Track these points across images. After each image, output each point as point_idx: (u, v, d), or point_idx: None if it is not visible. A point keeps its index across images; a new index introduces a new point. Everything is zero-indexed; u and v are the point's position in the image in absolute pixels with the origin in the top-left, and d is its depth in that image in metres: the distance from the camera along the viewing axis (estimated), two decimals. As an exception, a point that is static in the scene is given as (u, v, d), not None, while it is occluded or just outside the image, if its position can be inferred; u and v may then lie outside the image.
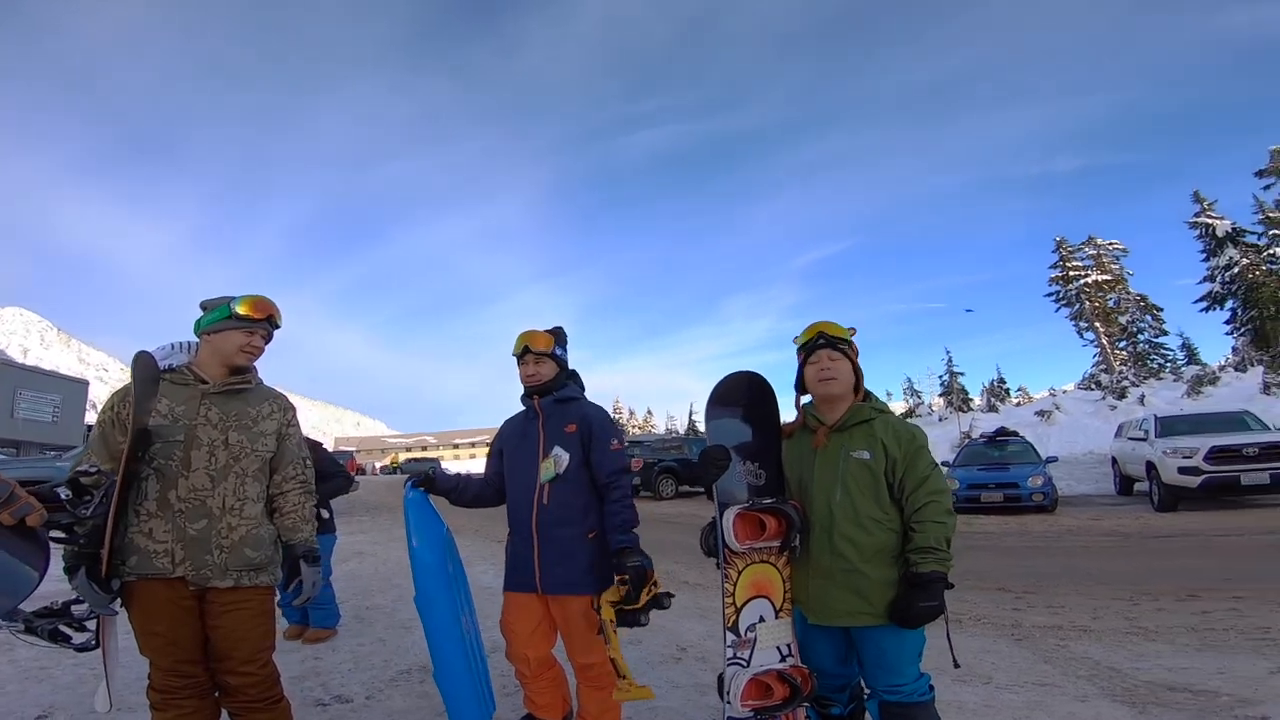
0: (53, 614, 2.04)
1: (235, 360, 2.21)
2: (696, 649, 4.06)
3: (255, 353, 2.24)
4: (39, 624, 2.01)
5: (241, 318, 2.19)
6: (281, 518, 2.27)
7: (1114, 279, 35.00)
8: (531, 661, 2.59)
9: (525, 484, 2.60)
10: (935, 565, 1.99)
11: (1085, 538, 8.51)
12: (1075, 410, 24.20)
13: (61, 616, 2.05)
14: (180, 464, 2.06)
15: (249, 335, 2.21)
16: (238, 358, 2.20)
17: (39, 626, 2.00)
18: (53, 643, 2.04)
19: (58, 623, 2.04)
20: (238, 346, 2.20)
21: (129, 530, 2.02)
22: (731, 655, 2.18)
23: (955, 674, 3.46)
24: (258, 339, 2.24)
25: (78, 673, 3.48)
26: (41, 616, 2.02)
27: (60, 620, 2.05)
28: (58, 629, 2.04)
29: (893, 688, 2.08)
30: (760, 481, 2.33)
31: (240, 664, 2.09)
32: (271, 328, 2.28)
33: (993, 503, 11.04)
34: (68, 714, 3.03)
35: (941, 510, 2.04)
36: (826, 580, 2.13)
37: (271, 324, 2.27)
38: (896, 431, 2.14)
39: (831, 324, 2.26)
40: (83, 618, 2.08)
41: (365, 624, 4.83)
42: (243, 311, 2.20)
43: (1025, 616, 4.73)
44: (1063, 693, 3.24)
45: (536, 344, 2.64)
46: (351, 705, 3.23)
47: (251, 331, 2.22)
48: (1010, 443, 13.46)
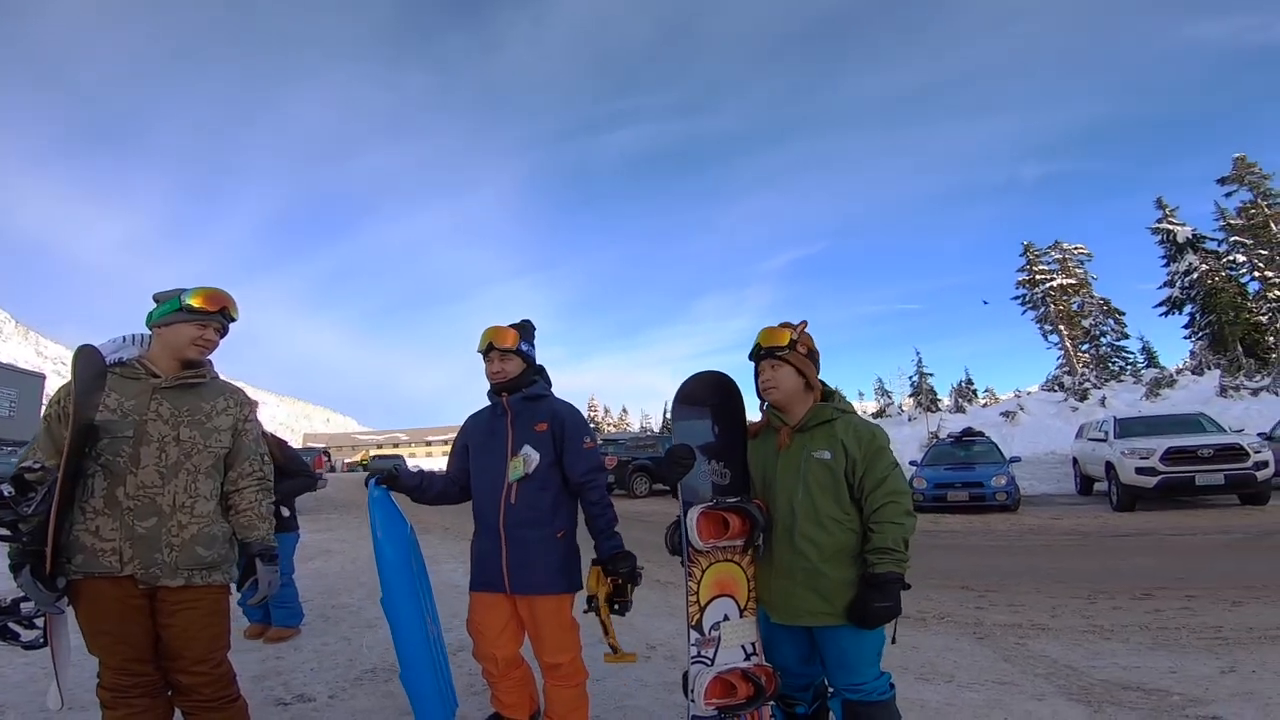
0: (2, 611, 2.01)
1: (186, 354, 2.14)
2: (665, 647, 4.06)
3: (207, 346, 2.18)
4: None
5: (193, 310, 2.12)
6: (236, 515, 2.22)
7: (1078, 283, 35.80)
8: (499, 661, 2.56)
9: (492, 483, 2.56)
10: (892, 566, 2.01)
11: (1046, 536, 8.70)
12: (1039, 411, 24.73)
13: (10, 614, 2.03)
14: (129, 460, 2.00)
15: (201, 328, 2.14)
16: (188, 351, 2.13)
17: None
18: (2, 640, 2.02)
19: (6, 620, 2.02)
20: (189, 340, 2.13)
21: (74, 528, 1.96)
22: (696, 653, 2.18)
23: (919, 672, 3.52)
24: (210, 332, 2.16)
25: (29, 671, 3.38)
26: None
27: (9, 618, 2.02)
28: (6, 626, 2.02)
29: (853, 686, 2.10)
30: (725, 480, 2.34)
31: (192, 663, 2.05)
32: (225, 321, 2.21)
33: (958, 502, 11.25)
34: (19, 712, 2.94)
35: (900, 511, 2.06)
36: (788, 580, 2.14)
37: (225, 316, 2.20)
38: (858, 432, 2.16)
39: (769, 331, 2.28)
40: (31, 615, 2.04)
41: (330, 623, 4.76)
42: (194, 304, 2.13)
43: (987, 615, 4.82)
44: (1021, 691, 3.30)
45: (501, 340, 2.60)
46: (314, 705, 3.17)
47: (204, 325, 2.14)
48: (976, 443, 13.74)
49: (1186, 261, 31.20)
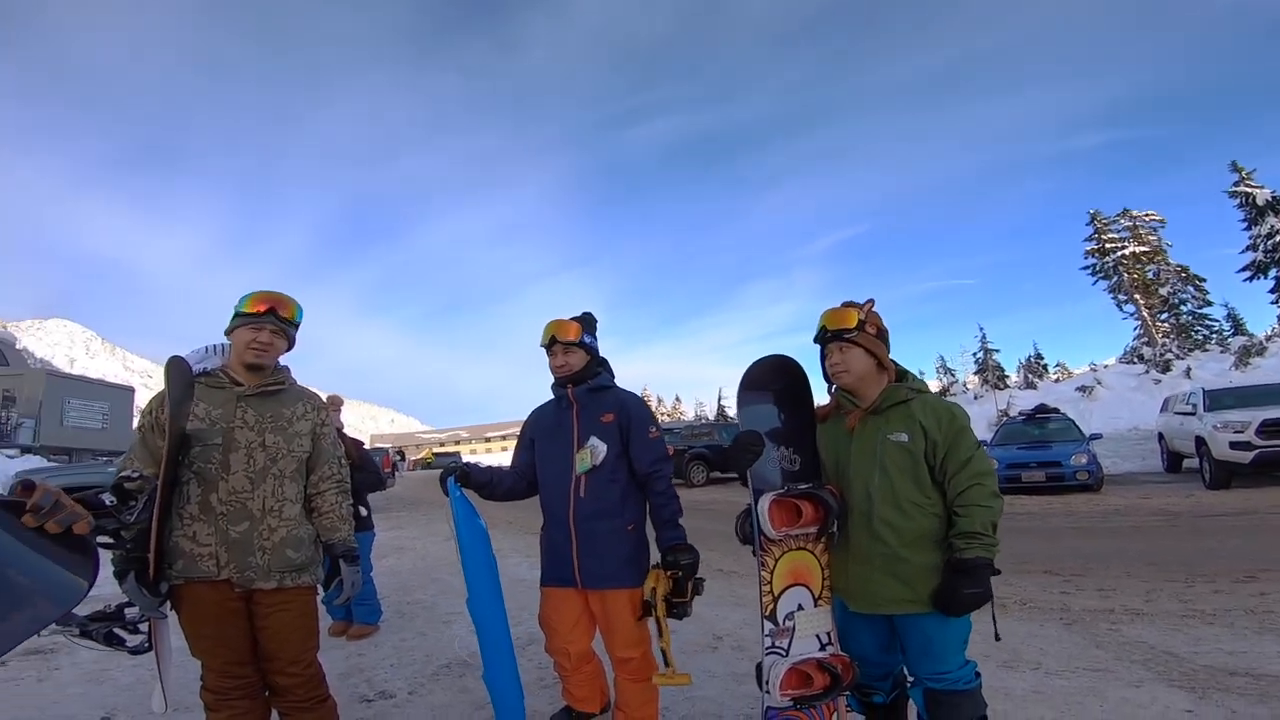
0: (107, 618, 2.07)
1: (245, 358, 2.17)
2: (732, 637, 4.02)
3: (263, 349, 2.17)
4: (94, 628, 2.04)
5: (245, 315, 2.17)
6: (320, 518, 2.27)
7: (1152, 250, 33.82)
8: (572, 656, 2.57)
9: (560, 476, 2.56)
10: (981, 551, 1.92)
11: (1134, 517, 8.24)
12: (1118, 385, 23.53)
13: (115, 620, 2.08)
14: (219, 467, 2.07)
15: (255, 331, 2.16)
16: (246, 355, 2.17)
17: (94, 630, 2.04)
18: (108, 646, 2.08)
19: (112, 626, 2.07)
20: (245, 344, 2.16)
21: (174, 534, 2.03)
22: (770, 644, 2.14)
23: (1002, 660, 3.37)
24: (264, 334, 2.17)
25: (136, 674, 3.57)
26: (96, 620, 2.06)
27: (114, 624, 2.08)
28: (112, 632, 2.07)
29: (937, 675, 2.02)
30: (795, 467, 2.28)
31: (287, 664, 2.12)
32: (278, 321, 2.19)
33: (1034, 482, 10.72)
34: (128, 715, 3.11)
35: (986, 493, 1.97)
36: (867, 567, 2.08)
37: (275, 317, 2.18)
38: (936, 412, 2.07)
39: (834, 312, 2.19)
40: (135, 620, 2.11)
41: (406, 619, 4.89)
42: (245, 309, 2.17)
43: (1074, 600, 4.59)
44: (1116, 678, 3.14)
45: (564, 334, 2.60)
46: (394, 701, 3.26)
47: (258, 327, 2.16)
48: (1051, 420, 13.07)
49: (1268, 224, 29.02)
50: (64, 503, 1.50)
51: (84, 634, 2.04)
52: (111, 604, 2.10)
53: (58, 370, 39.79)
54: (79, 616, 2.05)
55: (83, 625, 2.04)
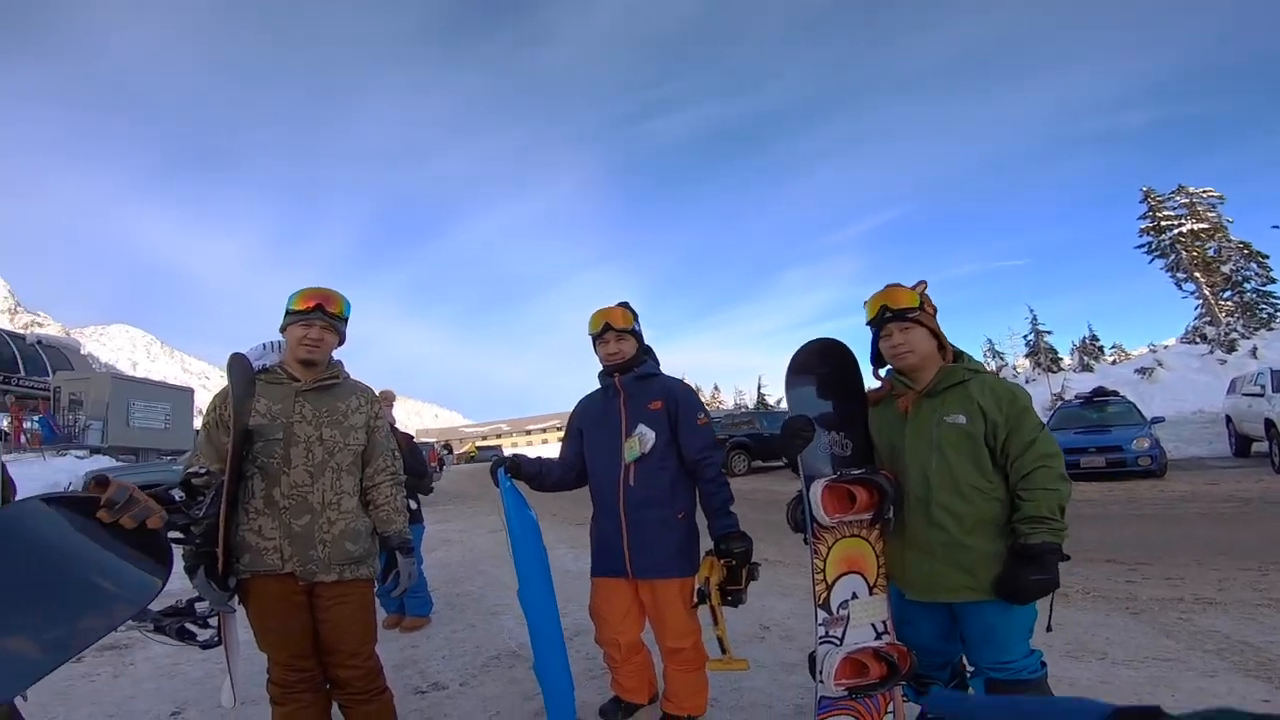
0: (179, 613, 2.14)
1: (297, 354, 2.21)
2: (780, 627, 3.97)
3: (314, 345, 2.20)
4: (167, 623, 2.11)
5: (295, 312, 2.21)
6: (376, 510, 2.30)
7: (1211, 227, 32.19)
8: (622, 646, 2.57)
9: (609, 465, 2.55)
10: (1048, 536, 1.84)
11: (1201, 504, 7.86)
12: (1180, 366, 22.51)
13: (187, 615, 2.14)
14: (281, 461, 2.12)
15: (305, 328, 2.20)
16: (298, 351, 2.21)
17: (167, 625, 2.10)
18: (180, 640, 2.13)
19: (184, 621, 2.13)
20: (297, 340, 2.20)
21: (240, 528, 2.09)
22: (824, 634, 2.10)
23: (1066, 649, 3.26)
24: (315, 330, 2.20)
25: (205, 668, 3.69)
26: (168, 615, 2.12)
27: (186, 619, 2.14)
28: (184, 627, 2.13)
29: (1000, 665, 1.96)
30: (847, 452, 2.22)
31: (348, 657, 2.15)
32: (329, 317, 2.22)
33: (1094, 468, 10.31)
34: (199, 709, 3.22)
35: (1053, 476, 1.89)
36: (925, 554, 2.01)
37: (324, 313, 2.21)
38: (996, 392, 1.99)
39: (894, 291, 2.11)
40: (205, 615, 2.17)
41: (456, 610, 4.97)
42: (294, 306, 2.21)
43: (1140, 589, 4.41)
44: (1188, 668, 3.01)
45: (617, 321, 2.58)
46: (447, 692, 3.31)
47: (308, 324, 2.19)
48: (1110, 403, 12.50)
49: (1331, 198, 27.28)
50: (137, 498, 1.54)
51: (158, 629, 2.10)
52: (183, 599, 2.16)
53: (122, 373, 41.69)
54: (153, 612, 2.11)
55: (156, 620, 2.10)
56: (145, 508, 1.52)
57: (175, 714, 3.17)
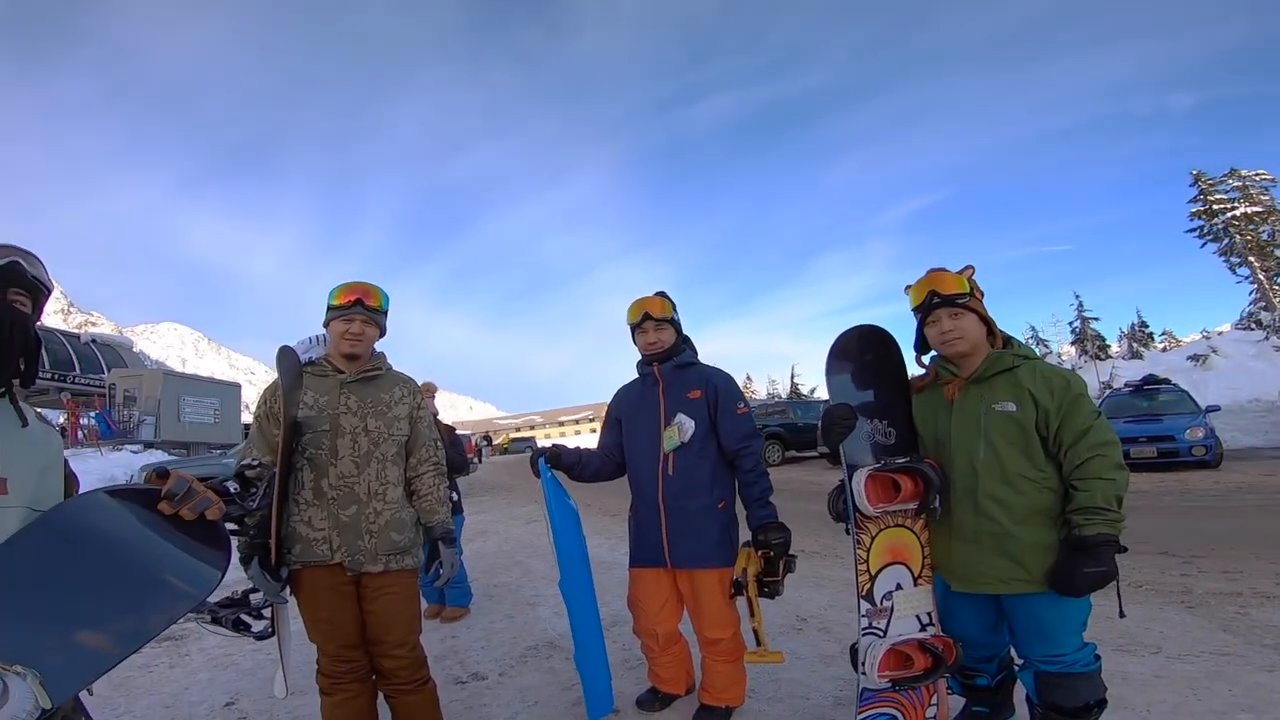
0: (234, 604, 2.18)
1: (341, 348, 2.25)
2: (818, 619, 3.93)
3: (356, 339, 2.24)
4: (223, 614, 2.16)
5: (336, 307, 2.25)
6: (419, 500, 2.33)
7: (1266, 210, 30.77)
8: (660, 637, 2.57)
9: (648, 454, 2.55)
10: (1104, 527, 1.78)
11: (1259, 495, 7.53)
12: (1235, 353, 21.59)
13: (243, 606, 2.19)
14: (329, 453, 2.15)
15: (347, 322, 2.23)
16: (341, 345, 2.25)
17: (224, 617, 2.16)
18: (236, 631, 2.18)
19: (239, 612, 2.18)
20: (339, 335, 2.24)
21: (291, 519, 2.13)
22: (867, 624, 2.07)
23: (1118, 643, 3.17)
24: (356, 324, 2.24)
25: (256, 659, 3.79)
26: (225, 607, 2.17)
27: (241, 610, 2.18)
28: (239, 618, 2.18)
29: (1052, 658, 1.91)
30: (890, 440, 2.18)
31: (393, 647, 2.18)
32: (368, 311, 2.26)
33: (1145, 458, 9.98)
34: (251, 699, 3.29)
35: (1110, 465, 1.82)
36: (972, 544, 1.97)
37: (364, 306, 2.25)
38: (1047, 379, 1.92)
39: (942, 276, 2.05)
40: (259, 606, 2.21)
41: (494, 601, 5.03)
42: (335, 301, 2.25)
43: (1196, 582, 4.25)
44: (1246, 662, 2.89)
45: (656, 310, 2.57)
46: (487, 682, 3.35)
47: (349, 319, 2.23)
48: (1161, 391, 12.05)
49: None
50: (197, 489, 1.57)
51: (215, 620, 2.14)
52: (238, 590, 2.20)
53: (172, 370, 43.13)
54: (210, 604, 2.15)
55: (214, 612, 2.14)
56: (204, 499, 1.55)
57: (229, 704, 3.25)
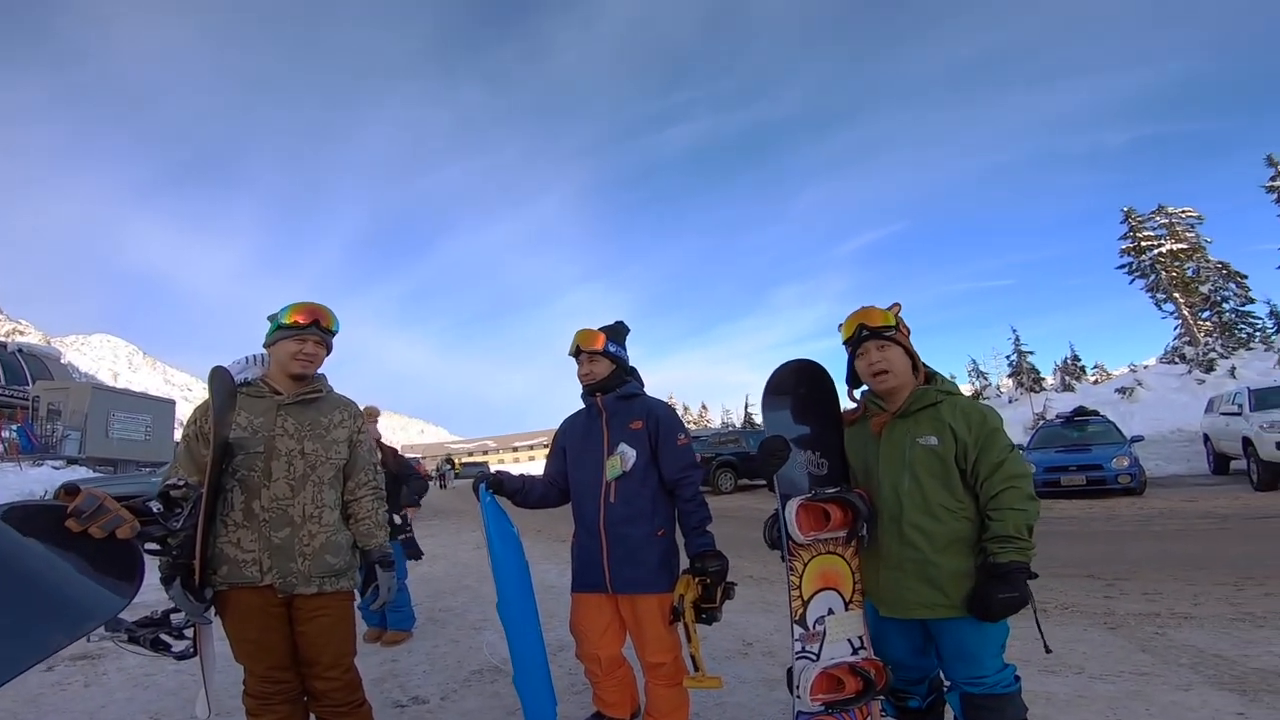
0: (154, 623, 2.11)
1: (291, 369, 2.22)
2: (762, 643, 3.99)
3: (308, 360, 2.22)
4: (141, 633, 2.08)
5: (289, 326, 2.20)
6: (356, 524, 2.31)
7: (1190, 247, 32.78)
8: (603, 661, 2.57)
9: (591, 482, 2.58)
10: (1016, 555, 1.88)
11: (1179, 520, 7.98)
12: (1159, 386, 22.86)
13: (162, 626, 2.12)
14: (262, 474, 2.12)
15: (300, 343, 2.20)
16: (292, 366, 2.21)
17: (141, 636, 2.08)
18: (155, 651, 2.11)
19: (159, 632, 2.11)
20: (290, 355, 2.20)
21: (218, 540, 2.08)
22: (800, 649, 2.12)
23: (1043, 664, 3.29)
24: (309, 345, 2.22)
25: (180, 679, 3.65)
26: (144, 626, 2.10)
27: (161, 629, 2.12)
28: (159, 638, 2.11)
29: (974, 679, 1.99)
30: (823, 471, 2.26)
31: (326, 669, 2.15)
32: (322, 332, 2.25)
33: (1074, 486, 10.46)
34: (172, 719, 3.18)
35: (1021, 496, 1.93)
36: (898, 571, 2.05)
37: (320, 328, 2.23)
38: (966, 414, 2.03)
39: (870, 311, 2.16)
40: (181, 626, 2.15)
41: (439, 625, 4.94)
42: (289, 320, 2.21)
43: (1118, 604, 4.47)
44: (1164, 681, 3.05)
45: (589, 343, 2.63)
46: (428, 706, 3.29)
47: (302, 339, 2.20)
48: (1090, 422, 12.72)
49: (1307, 219, 27.88)
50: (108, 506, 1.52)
51: (131, 640, 2.07)
52: (158, 610, 2.14)
53: (103, 384, 41.16)
54: (126, 622, 2.08)
55: (130, 631, 2.07)
56: (115, 517, 1.50)
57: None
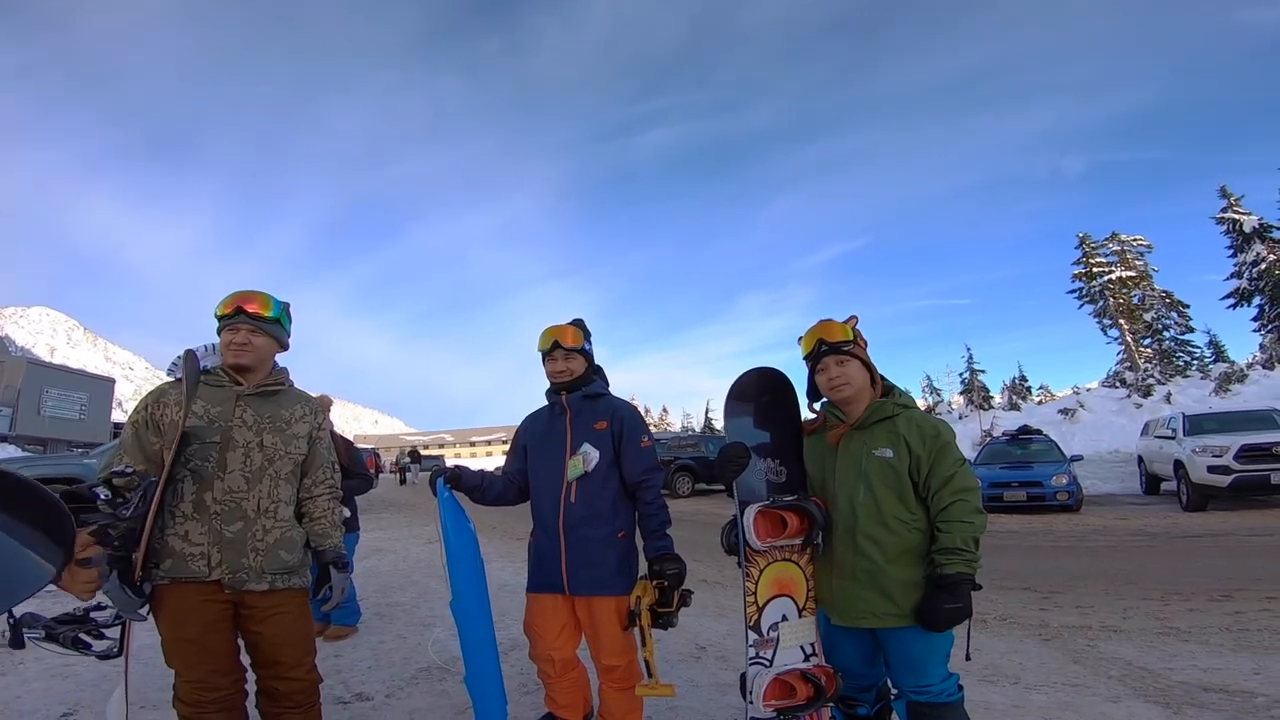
0: (74, 620, 2.02)
1: (228, 360, 2.16)
2: (716, 648, 4.02)
3: (241, 349, 2.15)
4: (61, 631, 1.99)
5: (220, 317, 2.16)
6: (311, 523, 2.24)
7: (1139, 275, 34.26)
8: (556, 663, 2.56)
9: (551, 482, 2.55)
10: (961, 567, 1.95)
11: (1112, 537, 8.36)
12: (1100, 408, 23.82)
13: (82, 624, 2.02)
14: (216, 465, 2.04)
15: (232, 332, 2.15)
16: (228, 357, 2.16)
17: (61, 634, 1.99)
18: (74, 650, 2.01)
19: (79, 630, 2.01)
20: (226, 346, 2.15)
21: (164, 532, 1.99)
22: (754, 655, 2.15)
23: (983, 674, 3.41)
24: (240, 334, 2.15)
25: (101, 670, 3.48)
26: (63, 624, 2.00)
27: (81, 628, 2.02)
28: (78, 637, 2.01)
29: (920, 688, 2.05)
30: (781, 479, 2.30)
31: (289, 669, 2.08)
32: (250, 319, 2.16)
33: (1016, 502, 10.88)
34: (91, 711, 3.05)
35: (969, 509, 1.99)
36: (850, 581, 2.09)
37: (246, 315, 2.15)
38: (920, 428, 2.09)
39: (828, 326, 2.20)
40: (105, 624, 2.05)
41: (386, 621, 4.85)
42: (219, 312, 2.17)
43: (1053, 616, 4.65)
44: (1093, 693, 3.19)
45: (567, 339, 2.59)
46: (372, 703, 3.23)
47: (234, 328, 2.14)
48: (1033, 441, 13.28)
49: (1254, 252, 29.48)
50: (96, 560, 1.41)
51: (50, 637, 1.97)
52: (80, 607, 2.03)
53: (39, 359, 39.08)
54: (44, 619, 1.99)
55: (49, 628, 1.98)
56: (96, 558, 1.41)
57: (66, 715, 3.02)
